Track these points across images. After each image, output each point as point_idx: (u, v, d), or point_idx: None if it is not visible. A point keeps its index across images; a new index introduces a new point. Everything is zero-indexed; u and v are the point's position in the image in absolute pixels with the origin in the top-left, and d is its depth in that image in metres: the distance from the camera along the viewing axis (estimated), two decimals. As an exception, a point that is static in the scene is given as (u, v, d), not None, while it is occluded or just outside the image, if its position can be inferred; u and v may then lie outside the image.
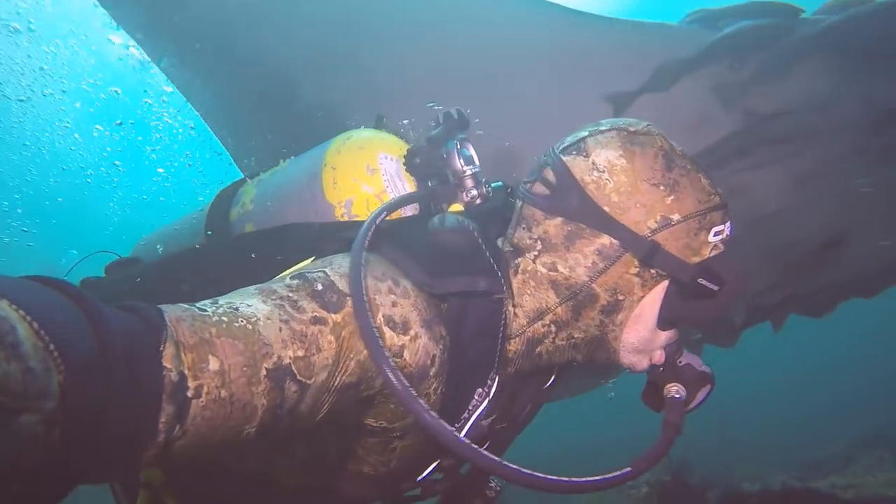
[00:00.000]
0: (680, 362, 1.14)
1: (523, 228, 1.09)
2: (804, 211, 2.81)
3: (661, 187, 1.00)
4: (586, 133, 1.07)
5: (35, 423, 0.46)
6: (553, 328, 1.09)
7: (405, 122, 1.42)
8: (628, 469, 1.02)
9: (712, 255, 1.04)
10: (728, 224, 1.06)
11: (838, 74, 2.31)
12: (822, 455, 6.49)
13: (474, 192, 1.21)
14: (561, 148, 1.08)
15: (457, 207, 1.23)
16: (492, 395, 1.07)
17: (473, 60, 2.29)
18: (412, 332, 0.93)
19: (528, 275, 1.08)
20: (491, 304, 1.04)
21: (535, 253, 1.07)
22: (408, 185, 1.26)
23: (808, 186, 2.71)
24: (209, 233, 1.44)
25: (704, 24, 2.47)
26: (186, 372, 0.66)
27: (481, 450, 0.87)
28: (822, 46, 2.31)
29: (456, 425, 1.06)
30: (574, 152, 1.05)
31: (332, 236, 1.07)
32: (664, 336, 1.09)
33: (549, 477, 0.90)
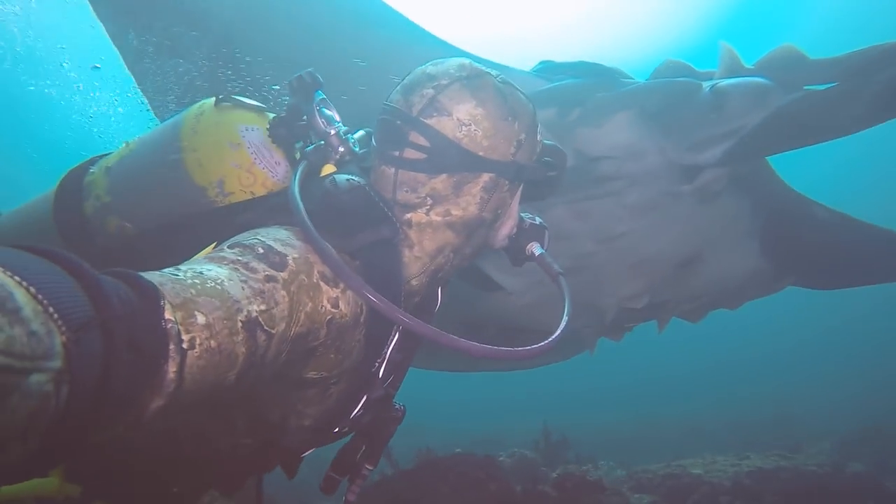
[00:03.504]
0: (525, 224, 1.35)
1: (406, 191, 1.16)
2: (651, 234, 3.21)
3: (509, 118, 1.15)
4: (432, 90, 1.14)
5: (45, 383, 0.47)
6: (451, 255, 1.23)
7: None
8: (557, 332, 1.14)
9: (543, 147, 1.24)
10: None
11: (639, 130, 2.70)
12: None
13: (342, 149, 1.24)
14: (418, 111, 1.14)
15: (330, 166, 1.26)
16: (400, 328, 1.19)
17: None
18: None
19: (424, 225, 1.18)
20: (392, 249, 1.15)
21: (427, 207, 1.17)
22: (275, 154, 1.25)
23: (646, 216, 3.11)
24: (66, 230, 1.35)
25: (542, 74, 2.88)
26: (179, 327, 0.70)
27: (443, 331, 1.00)
28: (628, 104, 2.69)
29: (377, 361, 1.19)
30: (435, 114, 1.13)
31: (228, 223, 1.11)
32: (517, 213, 1.30)
33: (494, 347, 1.01)
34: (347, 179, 1.13)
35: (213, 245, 1.07)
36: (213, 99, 1.30)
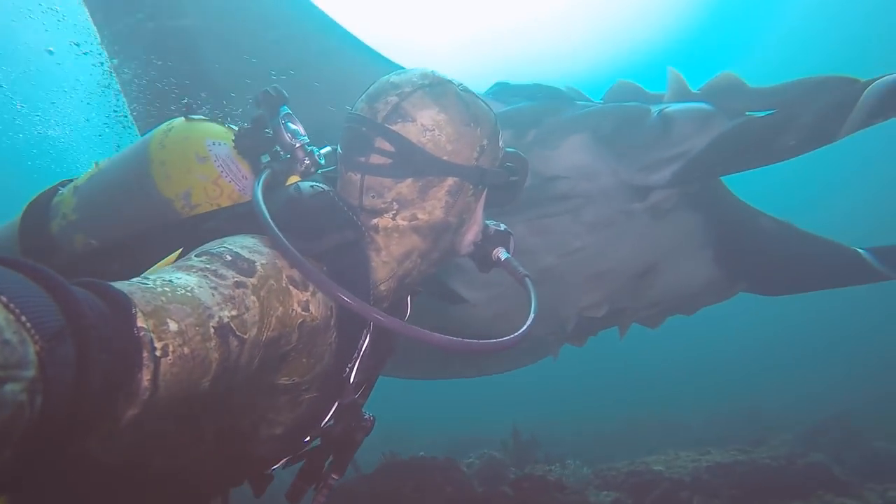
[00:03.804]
0: (490, 231, 1.39)
1: (372, 197, 1.18)
2: (607, 248, 3.32)
3: (472, 123, 1.19)
4: (396, 98, 1.17)
5: (19, 392, 0.46)
6: (419, 260, 1.24)
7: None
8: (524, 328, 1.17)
9: (505, 153, 1.28)
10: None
11: (592, 152, 2.78)
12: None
13: (307, 161, 1.27)
14: (382, 117, 1.16)
15: (295, 177, 1.28)
16: (371, 331, 1.22)
17: None
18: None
19: (390, 230, 1.19)
20: (359, 253, 1.16)
21: (394, 212, 1.19)
22: (242, 167, 1.27)
23: (602, 232, 3.21)
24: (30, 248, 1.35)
25: (498, 96, 2.94)
26: (152, 335, 0.70)
27: (417, 327, 1.03)
28: (581, 127, 2.77)
29: (348, 365, 1.18)
30: (399, 120, 1.15)
31: (194, 233, 1.12)
32: (481, 219, 1.33)
33: (470, 341, 1.04)
34: (311, 186, 1.17)
35: (178, 252, 1.09)
36: (183, 116, 1.33)
